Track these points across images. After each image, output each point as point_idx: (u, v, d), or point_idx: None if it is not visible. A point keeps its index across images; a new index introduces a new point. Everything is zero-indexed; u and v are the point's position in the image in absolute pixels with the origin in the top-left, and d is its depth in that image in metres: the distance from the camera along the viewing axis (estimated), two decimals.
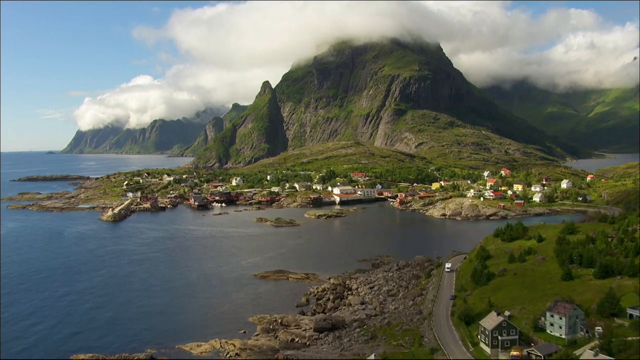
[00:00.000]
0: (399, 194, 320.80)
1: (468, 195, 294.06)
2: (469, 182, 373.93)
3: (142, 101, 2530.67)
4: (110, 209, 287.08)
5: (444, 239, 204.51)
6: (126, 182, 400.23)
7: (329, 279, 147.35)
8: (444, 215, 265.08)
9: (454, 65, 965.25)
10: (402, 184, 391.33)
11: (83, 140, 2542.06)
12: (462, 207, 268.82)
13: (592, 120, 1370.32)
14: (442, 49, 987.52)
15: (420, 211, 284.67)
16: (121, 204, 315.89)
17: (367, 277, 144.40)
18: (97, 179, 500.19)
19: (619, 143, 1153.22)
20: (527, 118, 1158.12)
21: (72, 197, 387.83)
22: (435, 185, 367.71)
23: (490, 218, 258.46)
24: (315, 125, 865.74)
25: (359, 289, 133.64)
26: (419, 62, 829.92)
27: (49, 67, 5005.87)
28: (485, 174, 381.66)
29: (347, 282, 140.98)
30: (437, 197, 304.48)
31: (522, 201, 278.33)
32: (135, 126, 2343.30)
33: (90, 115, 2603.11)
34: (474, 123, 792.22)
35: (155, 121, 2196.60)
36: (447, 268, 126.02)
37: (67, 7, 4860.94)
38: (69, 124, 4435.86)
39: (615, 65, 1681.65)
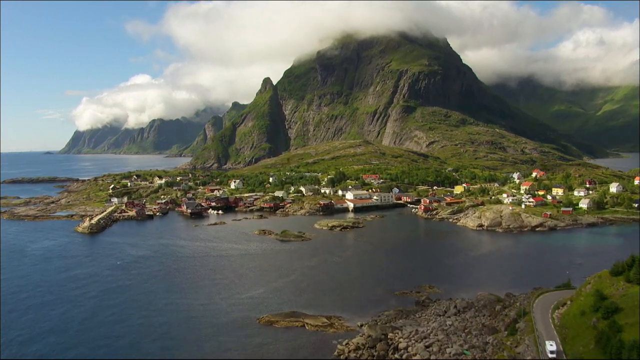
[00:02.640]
0: (422, 200, 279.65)
1: (505, 202, 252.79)
2: (496, 185, 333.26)
3: (140, 100, 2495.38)
4: (88, 219, 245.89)
5: (499, 261, 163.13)
6: (112, 186, 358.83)
7: (361, 326, 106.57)
8: (481, 226, 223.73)
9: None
10: (420, 187, 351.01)
11: (81, 141, 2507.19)
12: (501, 216, 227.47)
13: (601, 119, 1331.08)
14: (449, 45, 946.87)
15: (450, 220, 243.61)
16: (103, 212, 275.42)
17: (416, 326, 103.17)
18: (83, 181, 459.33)
19: (630, 142, 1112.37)
20: (534, 117, 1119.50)
21: (52, 202, 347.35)
22: (458, 189, 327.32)
23: (537, 229, 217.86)
24: (318, 123, 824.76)
25: (409, 349, 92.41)
26: (428, 56, 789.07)
27: (44, 66, 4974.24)
28: (515, 175, 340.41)
29: (389, 334, 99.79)
30: (466, 204, 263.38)
31: (570, 209, 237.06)
32: (134, 126, 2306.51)
33: (88, 115, 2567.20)
34: (487, 121, 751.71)
35: (153, 121, 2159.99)
36: (551, 352, 76.91)
37: (60, 4, 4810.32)
38: (68, 124, 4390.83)
39: (624, 62, 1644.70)
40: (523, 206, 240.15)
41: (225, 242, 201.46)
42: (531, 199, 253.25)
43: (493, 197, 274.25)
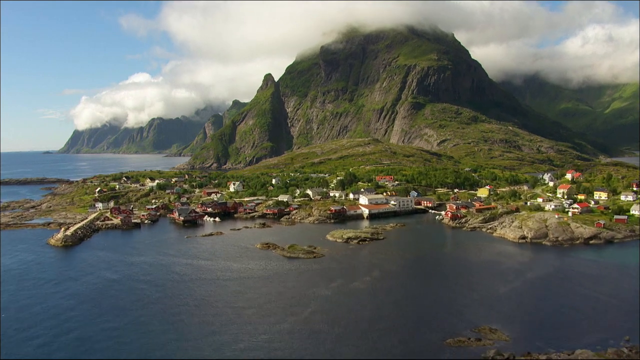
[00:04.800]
0: (448, 206, 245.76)
1: (547, 208, 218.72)
2: (525, 187, 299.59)
3: (139, 99, 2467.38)
4: (63, 229, 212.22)
5: (569, 287, 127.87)
6: (98, 189, 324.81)
7: None
8: (524, 237, 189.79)
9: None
10: (440, 190, 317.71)
11: (80, 140, 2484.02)
12: (546, 225, 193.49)
13: (610, 117, 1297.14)
14: (457, 40, 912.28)
15: (484, 230, 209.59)
16: (83, 220, 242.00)
17: None
18: (71, 183, 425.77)
19: (638, 140, 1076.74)
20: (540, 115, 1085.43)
21: (33, 206, 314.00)
22: (483, 192, 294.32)
23: (590, 242, 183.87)
24: (322, 121, 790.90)
25: None
26: (437, 51, 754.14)
27: (41, 65, 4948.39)
28: (546, 176, 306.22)
29: None
30: (499, 210, 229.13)
31: (625, 217, 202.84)
32: (134, 125, 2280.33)
33: (87, 114, 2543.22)
34: (499, 118, 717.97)
35: (153, 120, 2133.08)
36: None
37: (52, 2, 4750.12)
38: (68, 123, 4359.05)
39: (632, 59, 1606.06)
40: (570, 214, 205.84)
41: (222, 259, 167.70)
42: (575, 205, 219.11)
43: (529, 202, 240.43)
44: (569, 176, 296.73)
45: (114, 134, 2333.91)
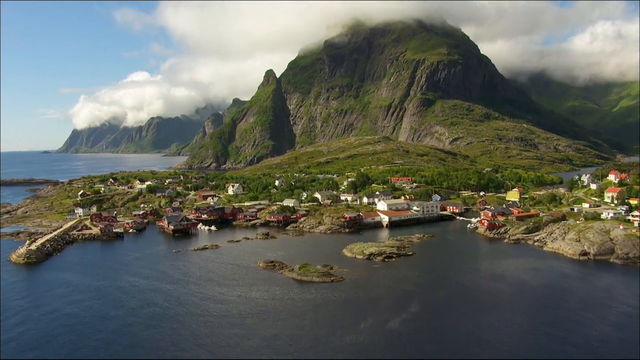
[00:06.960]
0: (483, 213, 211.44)
1: (603, 216, 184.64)
2: (562, 190, 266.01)
3: (138, 98, 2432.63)
4: (27, 242, 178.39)
5: None
6: (81, 192, 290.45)
7: None
8: (585, 254, 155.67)
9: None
10: (464, 193, 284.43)
11: (79, 139, 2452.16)
12: (611, 238, 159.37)
13: (618, 115, 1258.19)
14: (465, 35, 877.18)
15: (530, 243, 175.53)
16: (58, 229, 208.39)
17: None
18: (57, 184, 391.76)
19: None
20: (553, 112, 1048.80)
21: (8, 212, 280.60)
22: (512, 195, 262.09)
23: None
24: (327, 118, 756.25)
25: None
26: (446, 45, 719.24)
27: (38, 64, 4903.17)
28: (585, 178, 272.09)
29: None
30: (543, 218, 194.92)
31: None
32: (133, 124, 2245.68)
33: (86, 113, 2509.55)
34: (512, 115, 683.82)
35: (152, 119, 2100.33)
36: None
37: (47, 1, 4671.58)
38: (67, 123, 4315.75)
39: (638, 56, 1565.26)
40: (636, 224, 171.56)
41: (216, 283, 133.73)
42: (636, 212, 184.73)
43: (576, 209, 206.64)
44: (611, 177, 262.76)
45: (113, 133, 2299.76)
